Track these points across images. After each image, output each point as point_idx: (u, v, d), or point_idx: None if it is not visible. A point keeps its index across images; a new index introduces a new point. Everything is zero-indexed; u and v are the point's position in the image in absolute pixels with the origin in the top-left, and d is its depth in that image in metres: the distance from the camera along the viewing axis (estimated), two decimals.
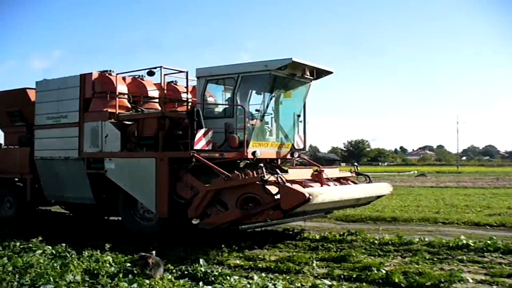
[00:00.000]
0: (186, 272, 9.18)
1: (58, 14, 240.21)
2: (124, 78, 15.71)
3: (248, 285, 8.07)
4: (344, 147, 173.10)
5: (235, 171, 12.22)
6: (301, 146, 15.41)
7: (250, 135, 13.33)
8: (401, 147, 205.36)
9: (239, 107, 13.40)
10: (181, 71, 15.21)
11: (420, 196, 28.10)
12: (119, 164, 14.29)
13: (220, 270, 9.21)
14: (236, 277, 8.55)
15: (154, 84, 16.14)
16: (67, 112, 15.49)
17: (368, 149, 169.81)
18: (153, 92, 15.96)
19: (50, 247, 11.09)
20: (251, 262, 10.61)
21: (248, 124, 13.47)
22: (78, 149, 15.17)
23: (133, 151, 14.35)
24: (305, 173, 13.78)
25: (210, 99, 14.87)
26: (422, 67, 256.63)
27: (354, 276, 9.25)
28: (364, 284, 8.79)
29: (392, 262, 10.53)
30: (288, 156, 15.13)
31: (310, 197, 11.00)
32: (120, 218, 15.87)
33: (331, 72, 14.57)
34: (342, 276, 9.26)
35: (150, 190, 13.43)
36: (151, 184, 13.40)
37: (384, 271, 9.20)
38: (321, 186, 13.11)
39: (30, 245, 11.27)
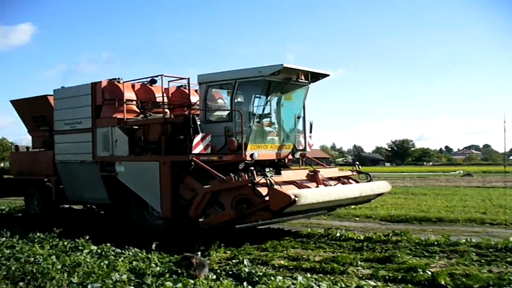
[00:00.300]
0: (230, 272, 9.22)
1: (108, 16, 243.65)
2: (133, 85, 16.36)
3: (292, 286, 8.02)
4: (388, 146, 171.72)
5: (230, 174, 12.70)
6: (305, 148, 15.85)
7: (248, 138, 13.74)
8: (446, 147, 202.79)
9: (240, 111, 13.77)
10: (182, 78, 16.15)
11: (466, 196, 27.45)
12: (127, 167, 15.13)
13: (264, 271, 9.21)
14: (280, 278, 8.51)
15: (166, 89, 16.68)
16: (81, 118, 16.44)
17: (412, 148, 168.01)
18: (161, 98, 16.23)
19: (96, 247, 11.30)
20: (295, 262, 10.58)
21: (253, 127, 14.05)
22: (92, 153, 16.10)
23: (140, 155, 15.09)
24: (302, 174, 14.45)
25: (220, 102, 15.60)
26: (469, 67, 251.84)
27: (399, 277, 9.15)
28: (409, 285, 8.68)
29: (438, 264, 10.32)
30: (290, 157, 15.51)
31: (296, 198, 11.40)
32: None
33: (327, 75, 15.05)
34: (387, 277, 9.17)
35: (155, 192, 14.15)
36: (156, 186, 14.12)
37: (430, 273, 9.06)
38: (317, 186, 13.78)
39: (77, 244, 11.49)
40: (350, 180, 15.58)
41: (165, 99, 16.34)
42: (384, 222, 17.00)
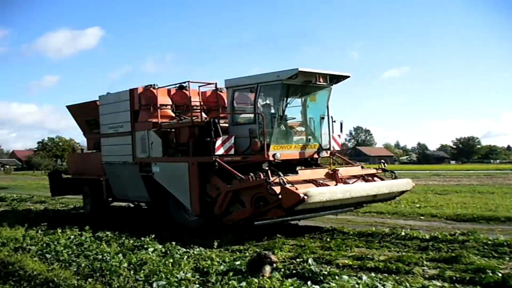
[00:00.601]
0: (294, 271, 9.20)
1: (172, 17, 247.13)
2: (169, 90, 17.30)
3: (357, 285, 7.96)
4: (454, 144, 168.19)
5: (250, 174, 13.32)
6: (335, 147, 16.45)
7: (270, 139, 14.25)
8: None
9: (261, 114, 14.37)
10: (209, 83, 17.36)
11: None
12: (162, 168, 16.08)
13: (328, 270, 9.13)
14: (345, 277, 8.45)
15: (201, 93, 17.44)
16: (122, 122, 17.54)
17: (478, 146, 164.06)
18: (197, 102, 16.96)
19: (161, 245, 11.50)
20: (359, 262, 10.44)
21: (275, 128, 14.61)
22: (132, 155, 17.18)
23: (172, 156, 16.01)
24: (321, 173, 14.81)
25: (246, 105, 15.85)
26: None
27: (467, 278, 8.91)
28: (477, 287, 8.47)
29: (508, 265, 9.99)
30: (315, 156, 15.80)
31: (305, 197, 12.03)
32: None
33: (348, 76, 15.47)
34: (454, 278, 8.95)
35: (186, 190, 15.03)
36: (186, 185, 14.98)
37: (500, 274, 8.79)
38: (336, 184, 14.19)
39: (143, 242, 11.72)
40: (375, 178, 15.78)
41: (196, 103, 16.95)
42: (450, 221, 16.58)
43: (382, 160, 17.27)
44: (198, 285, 8.06)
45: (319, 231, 14.60)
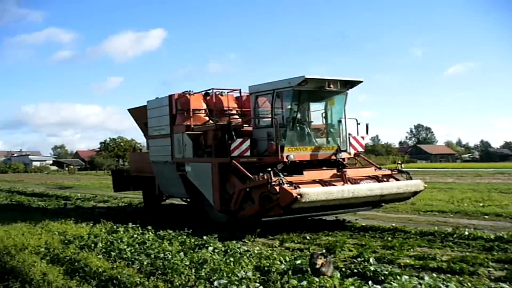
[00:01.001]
0: (355, 271, 9.13)
1: (235, 17, 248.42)
2: (205, 95, 18.54)
3: (419, 286, 7.84)
4: None
5: (260, 174, 14.43)
6: (359, 148, 17.16)
7: (283, 141, 15.24)
8: None
9: (276, 118, 15.41)
10: (234, 90, 18.89)
11: None
12: (193, 168, 17.49)
13: (390, 269, 9.04)
14: (406, 277, 8.33)
15: (236, 98, 19.20)
16: (164, 125, 18.99)
17: None
18: (234, 106, 18.79)
19: (221, 244, 11.60)
20: (421, 262, 10.29)
21: (289, 131, 15.51)
22: (171, 155, 18.52)
23: (201, 157, 17.34)
24: (329, 173, 15.46)
25: (266, 110, 16.54)
26: None
27: None
28: None
29: None
30: (333, 157, 16.31)
31: (298, 196, 13.06)
32: None
33: (360, 81, 16.23)
34: None
35: (210, 188, 16.36)
36: (210, 183, 16.32)
37: None
38: (343, 184, 14.92)
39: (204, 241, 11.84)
40: (391, 179, 16.27)
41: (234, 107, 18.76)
42: None
43: (399, 162, 17.70)
44: (258, 284, 8.07)
45: (380, 230, 14.46)
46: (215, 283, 8.02)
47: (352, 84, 16.14)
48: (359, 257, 10.85)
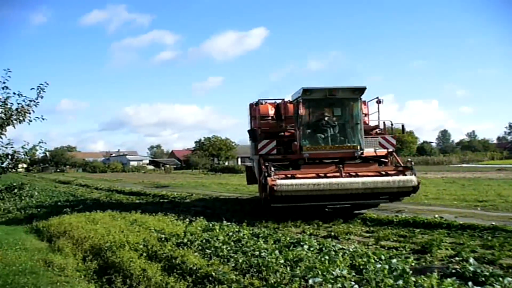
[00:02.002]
0: (453, 271, 8.87)
1: (335, 14, 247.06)
2: (277, 103, 21.09)
3: None
4: None
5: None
6: (389, 147, 19.01)
7: (303, 142, 18.22)
8: None
9: (298, 122, 18.43)
10: (278, 99, 21.12)
11: None
12: (252, 162, 21.37)
13: (491, 270, 8.68)
14: (510, 279, 7.98)
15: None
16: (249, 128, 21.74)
17: None
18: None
19: (316, 242, 11.57)
20: None
21: (306, 133, 18.44)
22: (252, 152, 21.77)
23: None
24: (330, 168, 17.74)
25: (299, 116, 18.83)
26: None
27: None
28: None
29: None
30: (350, 155, 18.27)
31: (274, 187, 16.22)
32: None
33: (363, 88, 18.13)
34: None
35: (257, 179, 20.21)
36: (257, 175, 19.66)
37: None
38: (339, 177, 17.09)
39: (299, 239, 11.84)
40: (399, 174, 17.47)
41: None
42: None
43: (409, 159, 18.97)
44: (353, 283, 7.98)
45: (479, 229, 13.99)
46: (310, 281, 7.99)
47: (359, 90, 18.19)
48: (457, 256, 10.58)
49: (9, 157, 12.61)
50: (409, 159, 18.80)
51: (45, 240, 14.91)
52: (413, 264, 9.60)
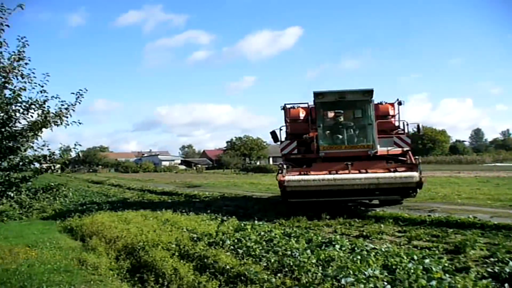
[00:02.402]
0: (490, 271, 8.75)
1: (370, 11, 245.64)
2: (305, 108, 21.78)
3: None
4: None
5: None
6: (404, 146, 20.05)
7: (320, 142, 19.78)
8: None
9: (318, 123, 20.05)
10: (301, 103, 22.05)
11: None
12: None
13: None
14: None
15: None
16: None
17: None
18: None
19: (348, 242, 11.52)
20: None
21: (321, 134, 20.02)
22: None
23: None
24: (340, 166, 19.03)
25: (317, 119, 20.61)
26: None
27: None
28: None
29: None
30: (364, 154, 19.52)
31: (284, 183, 18.04)
32: None
33: (370, 91, 19.54)
34: None
35: None
36: None
37: None
38: (348, 173, 18.51)
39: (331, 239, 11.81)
40: (406, 171, 18.39)
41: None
42: None
43: (417, 157, 19.69)
44: (386, 283, 7.93)
45: None
46: (342, 281, 7.96)
47: (368, 93, 19.53)
48: (491, 257, 10.39)
49: (46, 158, 12.83)
50: (417, 157, 19.61)
51: (78, 239, 15.11)
52: (446, 264, 9.48)
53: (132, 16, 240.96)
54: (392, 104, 21.40)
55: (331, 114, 20.88)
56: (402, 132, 20.86)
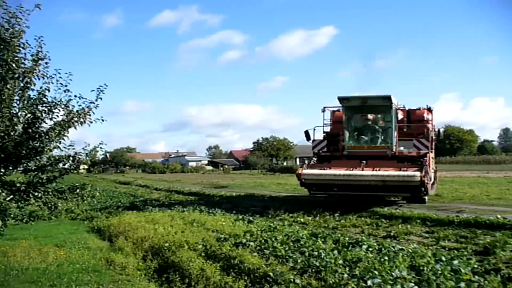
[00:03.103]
0: None
1: (405, 11, 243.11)
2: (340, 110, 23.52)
3: None
4: None
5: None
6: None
7: (345, 142, 21.98)
8: None
9: (346, 125, 22.29)
10: (339, 107, 23.13)
11: None
12: None
13: None
14: None
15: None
16: None
17: None
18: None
19: (375, 242, 11.46)
20: None
21: (346, 135, 22.20)
22: None
23: None
24: (356, 163, 20.72)
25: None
26: None
27: None
28: None
29: None
30: (383, 154, 21.29)
31: (300, 175, 20.82)
32: None
33: (387, 97, 21.17)
34: None
35: None
36: None
37: None
38: (362, 170, 20.23)
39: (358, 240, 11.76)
40: (413, 170, 19.62)
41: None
42: None
43: (433, 158, 22.14)
44: (413, 284, 7.87)
45: None
46: (369, 282, 7.93)
47: (387, 98, 21.08)
48: None
49: (71, 158, 12.94)
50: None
51: (106, 239, 15.23)
52: (475, 266, 9.37)
53: (167, 16, 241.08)
54: (428, 110, 23.35)
55: (353, 117, 22.98)
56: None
